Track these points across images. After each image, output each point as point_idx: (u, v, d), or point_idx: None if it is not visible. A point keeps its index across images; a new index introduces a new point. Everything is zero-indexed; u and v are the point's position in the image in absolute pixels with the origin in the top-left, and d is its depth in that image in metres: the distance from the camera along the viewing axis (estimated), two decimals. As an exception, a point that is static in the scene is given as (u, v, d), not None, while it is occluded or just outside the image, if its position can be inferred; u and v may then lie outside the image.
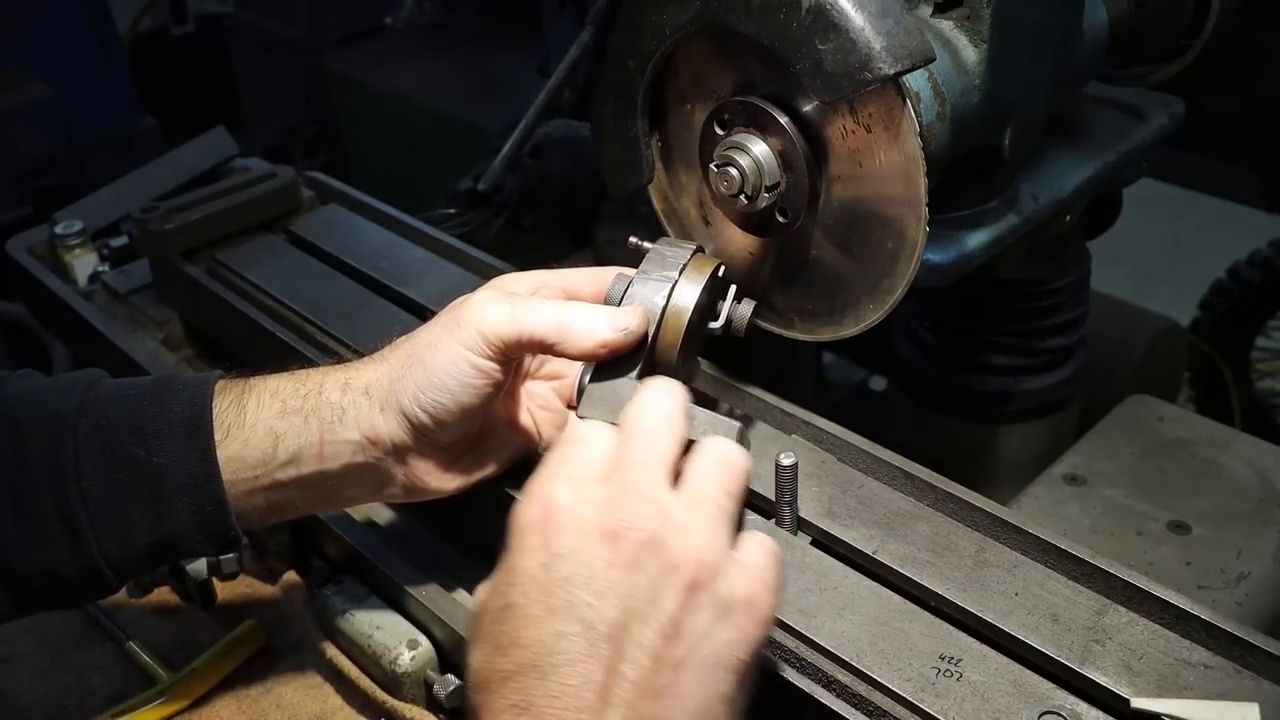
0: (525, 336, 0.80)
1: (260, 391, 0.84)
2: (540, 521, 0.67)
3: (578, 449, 0.70)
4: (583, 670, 0.62)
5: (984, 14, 0.95)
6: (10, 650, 1.03)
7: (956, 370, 1.40)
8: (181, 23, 3.90)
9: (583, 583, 0.64)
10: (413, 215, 1.44)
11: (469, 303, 0.82)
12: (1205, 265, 2.64)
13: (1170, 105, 1.29)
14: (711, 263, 0.87)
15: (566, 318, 0.80)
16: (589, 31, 1.80)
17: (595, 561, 0.64)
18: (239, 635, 1.00)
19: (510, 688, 0.63)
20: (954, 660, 0.79)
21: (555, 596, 0.64)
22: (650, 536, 0.65)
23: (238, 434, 0.82)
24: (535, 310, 0.80)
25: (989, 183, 1.09)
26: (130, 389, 0.85)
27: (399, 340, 0.86)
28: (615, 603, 0.64)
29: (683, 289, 0.83)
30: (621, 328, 0.79)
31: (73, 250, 1.50)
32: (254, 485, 0.83)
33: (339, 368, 0.86)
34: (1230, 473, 1.25)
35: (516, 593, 0.65)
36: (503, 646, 0.64)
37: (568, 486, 0.68)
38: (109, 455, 0.81)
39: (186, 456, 0.81)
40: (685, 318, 0.82)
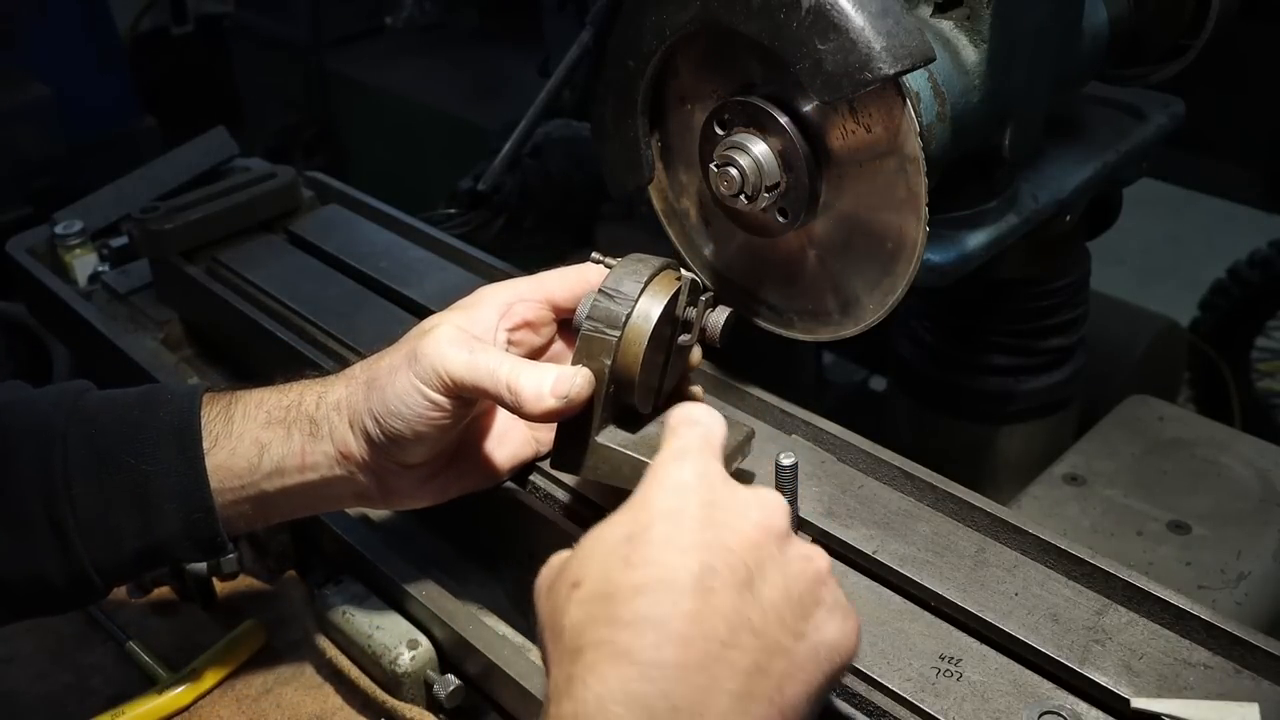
0: (479, 386, 0.80)
1: (246, 402, 0.86)
2: (685, 476, 0.68)
3: (702, 429, 0.73)
4: (719, 602, 0.61)
5: (984, 14, 0.95)
6: (10, 650, 1.03)
7: (956, 370, 1.40)
8: (181, 23, 3.90)
9: (732, 532, 0.65)
10: (413, 215, 1.44)
11: (431, 336, 0.82)
12: (1205, 265, 2.64)
13: (1170, 105, 1.29)
14: (674, 278, 0.85)
15: (516, 380, 0.79)
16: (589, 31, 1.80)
17: (745, 521, 0.66)
18: (239, 635, 1.00)
19: (641, 600, 0.61)
20: (954, 660, 0.79)
21: (703, 533, 0.64)
22: (786, 522, 0.69)
23: (225, 443, 0.84)
24: (490, 366, 0.80)
25: (989, 183, 1.09)
26: (119, 399, 0.86)
27: (368, 360, 0.86)
28: (757, 558, 0.65)
29: (642, 309, 0.82)
30: (563, 395, 0.79)
31: (73, 250, 1.50)
32: (240, 494, 0.85)
33: (316, 382, 0.87)
34: (1230, 473, 1.25)
35: (657, 523, 0.65)
36: (634, 564, 0.63)
37: (712, 458, 0.71)
38: (98, 463, 0.82)
39: (175, 464, 0.82)
40: (643, 342, 0.81)
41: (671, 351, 0.87)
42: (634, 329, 0.81)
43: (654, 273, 0.83)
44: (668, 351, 0.86)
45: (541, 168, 1.97)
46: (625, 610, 0.61)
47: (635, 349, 0.81)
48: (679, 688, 0.58)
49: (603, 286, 0.82)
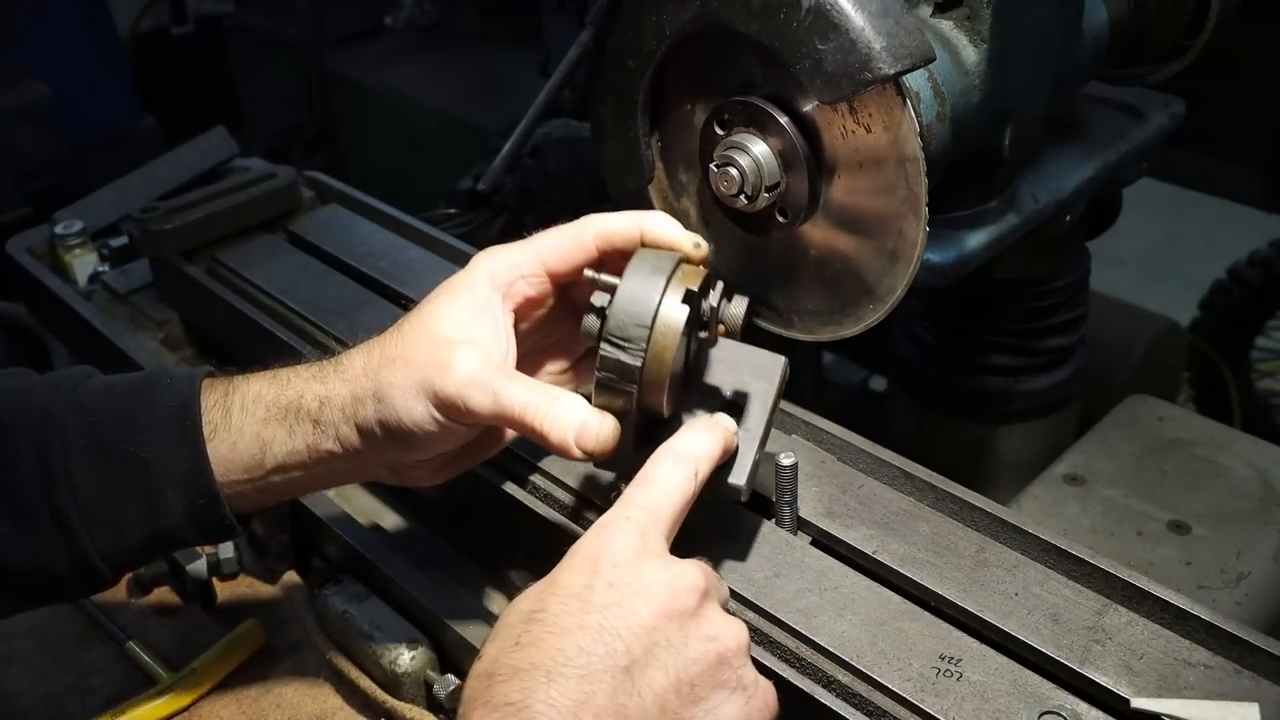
0: (506, 421, 0.78)
1: (244, 395, 0.83)
2: (598, 551, 0.70)
3: (652, 491, 0.74)
4: (589, 689, 0.63)
5: (984, 14, 0.95)
6: (10, 650, 1.03)
7: (956, 370, 1.40)
8: (181, 23, 3.89)
9: (622, 615, 0.66)
10: (413, 215, 1.44)
11: (453, 374, 0.77)
12: (1205, 265, 2.64)
13: (1170, 105, 1.30)
14: (695, 275, 0.80)
15: (542, 424, 0.77)
16: (589, 31, 1.80)
17: (641, 602, 0.67)
18: (239, 635, 1.00)
19: (514, 684, 0.64)
20: (954, 660, 0.79)
21: (590, 616, 0.66)
22: (699, 598, 0.69)
23: (224, 436, 0.82)
24: (517, 403, 0.77)
25: (989, 183, 1.09)
26: (117, 385, 0.85)
27: (371, 353, 0.82)
28: (644, 644, 0.66)
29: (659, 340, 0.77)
30: (589, 449, 0.77)
31: (73, 250, 1.50)
32: (245, 485, 0.83)
33: (314, 377, 0.84)
34: (1230, 473, 1.25)
35: (554, 602, 0.67)
36: (521, 644, 0.65)
37: (634, 535, 0.71)
38: (98, 451, 0.81)
39: (177, 450, 0.81)
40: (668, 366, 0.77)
41: (692, 351, 0.85)
42: (650, 374, 0.77)
43: (659, 300, 0.76)
44: (689, 358, 0.84)
45: (541, 168, 1.96)
46: (497, 693, 0.64)
47: (657, 394, 0.79)
48: None
49: (609, 333, 0.77)
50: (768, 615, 0.82)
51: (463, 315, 0.82)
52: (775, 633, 0.81)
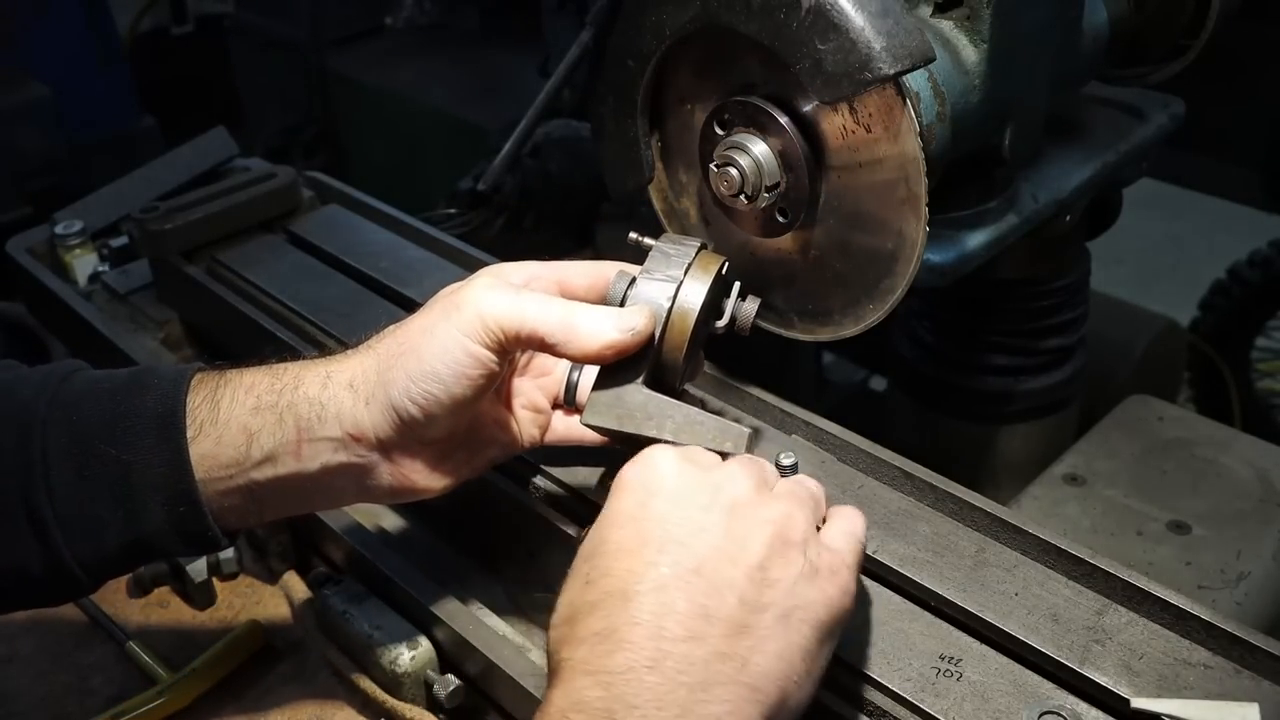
0: (527, 330, 0.77)
1: (235, 386, 0.80)
2: (642, 474, 0.72)
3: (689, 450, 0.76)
4: (668, 598, 0.64)
5: (984, 14, 0.95)
6: (10, 650, 1.03)
7: (956, 370, 1.40)
8: (181, 23, 3.89)
9: (677, 521, 0.68)
10: (413, 215, 1.44)
11: (469, 288, 0.79)
12: (1205, 265, 2.64)
13: (1170, 105, 1.30)
14: (717, 260, 0.85)
15: (573, 316, 0.78)
16: (589, 31, 1.80)
17: (691, 505, 0.69)
18: (239, 635, 1.00)
19: (595, 616, 0.65)
20: (954, 660, 0.79)
21: (648, 530, 0.67)
22: (747, 496, 0.71)
23: (210, 430, 0.78)
24: (541, 305, 0.78)
25: (989, 183, 1.09)
26: (105, 382, 0.81)
27: (387, 330, 0.82)
28: (708, 541, 0.67)
29: (689, 288, 0.82)
30: (628, 328, 0.78)
31: (73, 250, 1.50)
32: (229, 485, 0.79)
33: (319, 361, 0.82)
34: (1230, 473, 1.25)
35: (611, 531, 0.69)
36: (592, 580, 0.66)
37: (674, 456, 0.73)
38: (78, 452, 0.77)
39: (157, 454, 0.77)
40: (692, 319, 0.81)
41: (700, 338, 0.86)
42: (681, 312, 0.81)
43: (696, 253, 0.83)
44: (702, 337, 0.86)
45: (541, 168, 1.97)
46: (581, 628, 0.65)
47: (680, 338, 0.81)
48: (632, 689, 0.62)
49: (646, 269, 0.82)
50: (768, 615, 0.82)
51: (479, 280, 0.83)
52: (775, 633, 0.81)
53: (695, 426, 0.80)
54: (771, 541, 0.68)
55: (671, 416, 0.80)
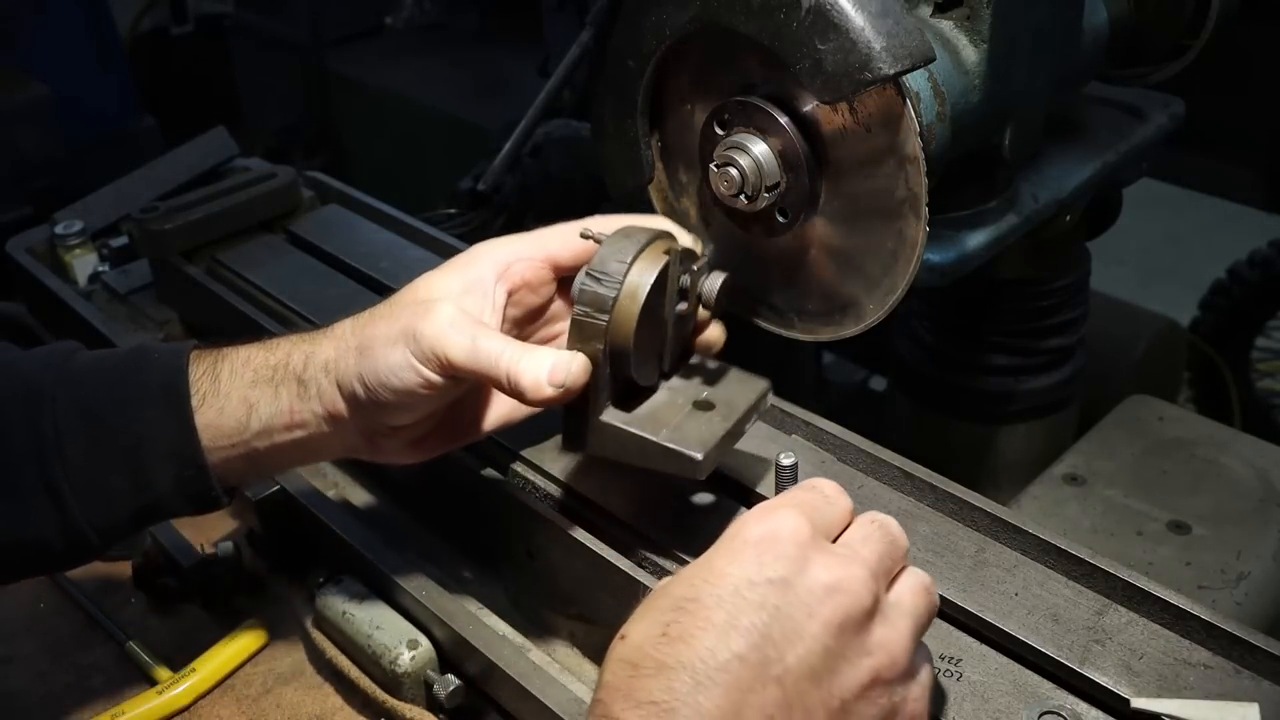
0: (480, 372, 0.79)
1: (233, 360, 0.85)
2: (763, 540, 0.65)
3: (816, 496, 0.70)
4: (739, 699, 0.59)
5: (984, 14, 0.95)
6: (10, 650, 1.03)
7: (956, 370, 1.40)
8: (181, 23, 3.89)
9: (780, 618, 0.61)
10: (413, 215, 1.44)
11: (433, 318, 0.80)
12: (1205, 265, 2.64)
13: (1170, 105, 1.29)
14: (664, 249, 0.84)
15: (516, 369, 0.78)
16: (589, 31, 1.81)
17: (800, 607, 0.62)
18: (239, 635, 1.00)
19: (659, 681, 0.60)
20: (954, 660, 0.79)
21: (745, 616, 0.61)
22: (863, 612, 0.64)
23: (213, 402, 0.83)
24: (493, 352, 0.79)
25: (989, 183, 1.09)
26: (106, 360, 0.86)
27: (358, 319, 0.85)
28: (801, 654, 0.61)
29: (635, 275, 0.81)
30: (559, 384, 0.78)
31: (73, 250, 1.50)
32: (231, 452, 0.84)
33: (304, 339, 0.86)
34: (1230, 473, 1.25)
35: (709, 593, 0.62)
36: (670, 636, 0.61)
37: (804, 522, 0.66)
38: (88, 425, 0.81)
39: (165, 424, 0.82)
40: (637, 305, 0.80)
41: (670, 322, 0.86)
42: (621, 310, 0.80)
43: (640, 248, 0.82)
44: (665, 323, 0.85)
45: (541, 168, 1.97)
46: (641, 689, 0.60)
47: (625, 330, 0.80)
48: None
49: (589, 269, 0.81)
50: (768, 615, 0.82)
51: (452, 285, 0.84)
52: (775, 633, 0.81)
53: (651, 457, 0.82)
54: (865, 674, 0.63)
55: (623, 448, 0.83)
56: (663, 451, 0.82)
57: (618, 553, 0.87)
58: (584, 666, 0.94)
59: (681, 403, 0.86)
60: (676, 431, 0.83)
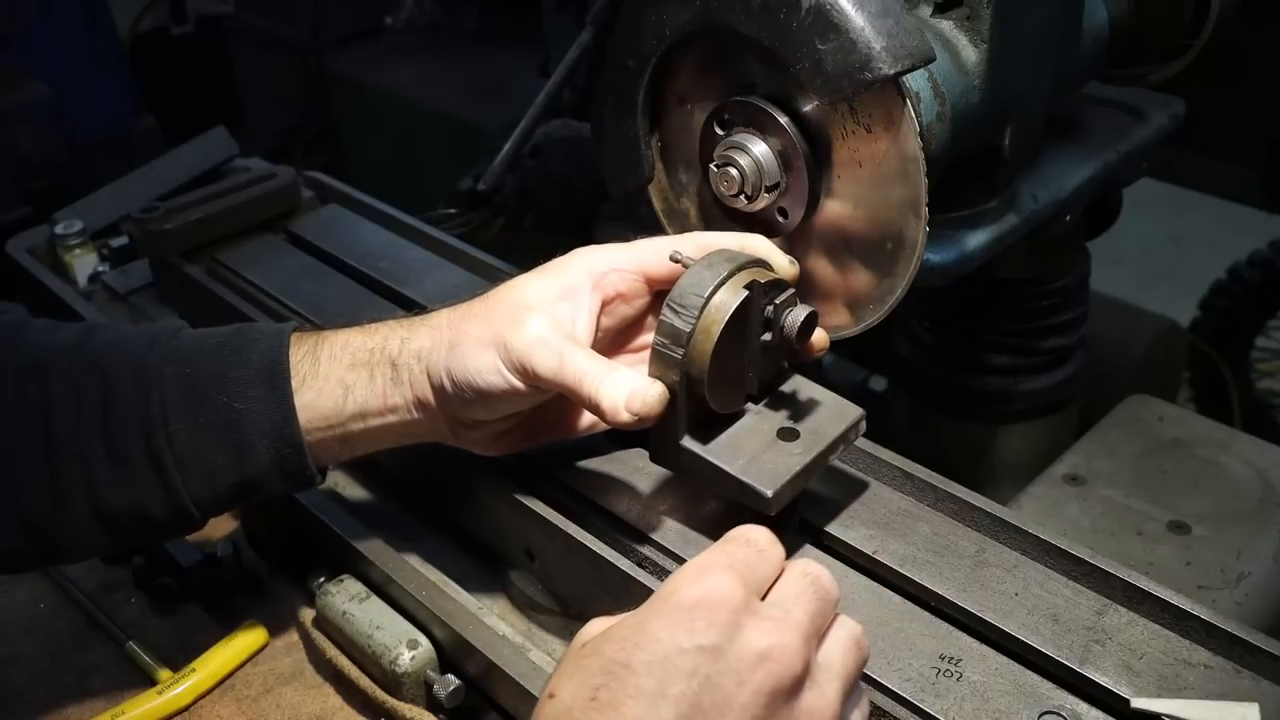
0: (564, 386, 0.81)
1: (332, 343, 0.88)
2: (697, 605, 0.63)
3: (750, 551, 0.68)
4: None
5: (984, 14, 0.95)
6: (10, 650, 1.03)
7: (956, 370, 1.40)
8: (181, 23, 3.89)
9: (710, 687, 0.60)
10: (413, 215, 1.44)
11: (525, 330, 0.82)
12: (1205, 265, 2.64)
13: (1170, 105, 1.30)
14: (755, 273, 0.83)
15: (598, 392, 0.80)
16: (589, 31, 1.81)
17: (731, 675, 0.61)
18: (239, 635, 1.00)
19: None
20: (954, 660, 0.79)
21: (675, 684, 0.60)
22: (793, 679, 0.62)
23: (312, 384, 0.86)
24: (579, 370, 0.81)
25: (989, 183, 1.09)
26: (210, 339, 0.89)
27: (457, 309, 0.87)
28: None
29: (711, 313, 0.81)
30: (635, 412, 0.80)
31: (73, 250, 1.50)
32: (327, 433, 0.87)
33: (401, 324, 0.88)
34: (1230, 473, 1.25)
35: (640, 658, 0.61)
36: (600, 702, 0.59)
37: (737, 585, 0.64)
38: (193, 402, 0.85)
39: (266, 403, 0.85)
40: (716, 332, 0.81)
41: (754, 350, 0.85)
42: (696, 345, 0.81)
43: (721, 280, 0.81)
44: (746, 352, 0.85)
45: (541, 168, 1.97)
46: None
47: (700, 364, 0.81)
48: None
49: (670, 298, 0.82)
50: (768, 615, 0.82)
51: (548, 291, 0.86)
52: (775, 633, 0.81)
53: (725, 486, 0.84)
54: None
55: (701, 474, 0.85)
56: (735, 483, 0.83)
57: (618, 553, 0.87)
58: (584, 666, 0.94)
59: (766, 430, 0.86)
60: (752, 463, 0.83)
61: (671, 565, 0.87)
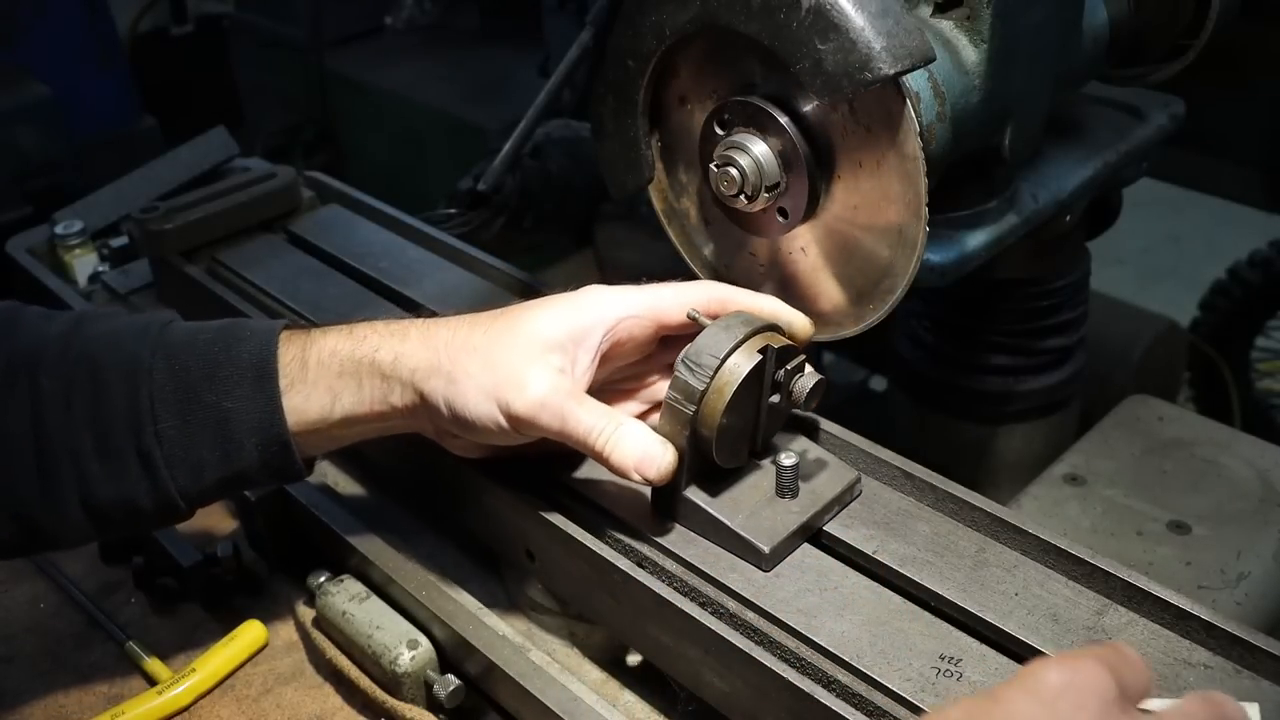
0: (570, 441, 0.84)
1: (321, 349, 0.88)
2: (1065, 688, 0.57)
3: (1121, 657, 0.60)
4: None
5: (984, 14, 0.95)
6: (10, 650, 1.03)
7: (956, 370, 1.40)
8: (181, 23, 3.89)
9: None
10: (413, 215, 1.44)
11: (527, 390, 0.82)
12: (1205, 265, 2.64)
13: (1170, 105, 1.29)
14: (780, 342, 0.86)
15: (610, 453, 0.83)
16: (589, 31, 1.80)
17: None
18: (239, 635, 1.00)
19: None
20: (954, 660, 0.79)
21: None
22: None
23: (300, 388, 0.87)
24: (586, 426, 0.83)
25: (989, 183, 1.09)
26: (201, 333, 0.90)
27: (458, 333, 0.86)
28: None
29: (725, 375, 0.84)
30: (646, 477, 0.83)
31: (73, 250, 1.50)
32: (315, 435, 0.88)
33: (393, 333, 0.88)
34: (1230, 473, 1.25)
35: None
36: None
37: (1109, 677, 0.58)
38: (182, 398, 0.86)
39: (254, 401, 0.86)
40: (727, 394, 0.83)
41: (762, 411, 0.88)
42: (708, 405, 0.83)
43: (736, 343, 0.84)
44: (755, 413, 0.88)
45: (541, 168, 1.96)
46: None
47: (710, 423, 0.84)
48: None
49: (686, 355, 0.84)
50: (768, 615, 0.82)
51: (557, 330, 0.85)
52: (775, 633, 0.81)
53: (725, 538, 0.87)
54: None
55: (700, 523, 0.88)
56: (734, 536, 0.86)
57: (618, 553, 0.87)
58: (584, 666, 0.95)
59: (766, 486, 0.89)
60: (751, 518, 0.86)
61: (671, 565, 0.87)
